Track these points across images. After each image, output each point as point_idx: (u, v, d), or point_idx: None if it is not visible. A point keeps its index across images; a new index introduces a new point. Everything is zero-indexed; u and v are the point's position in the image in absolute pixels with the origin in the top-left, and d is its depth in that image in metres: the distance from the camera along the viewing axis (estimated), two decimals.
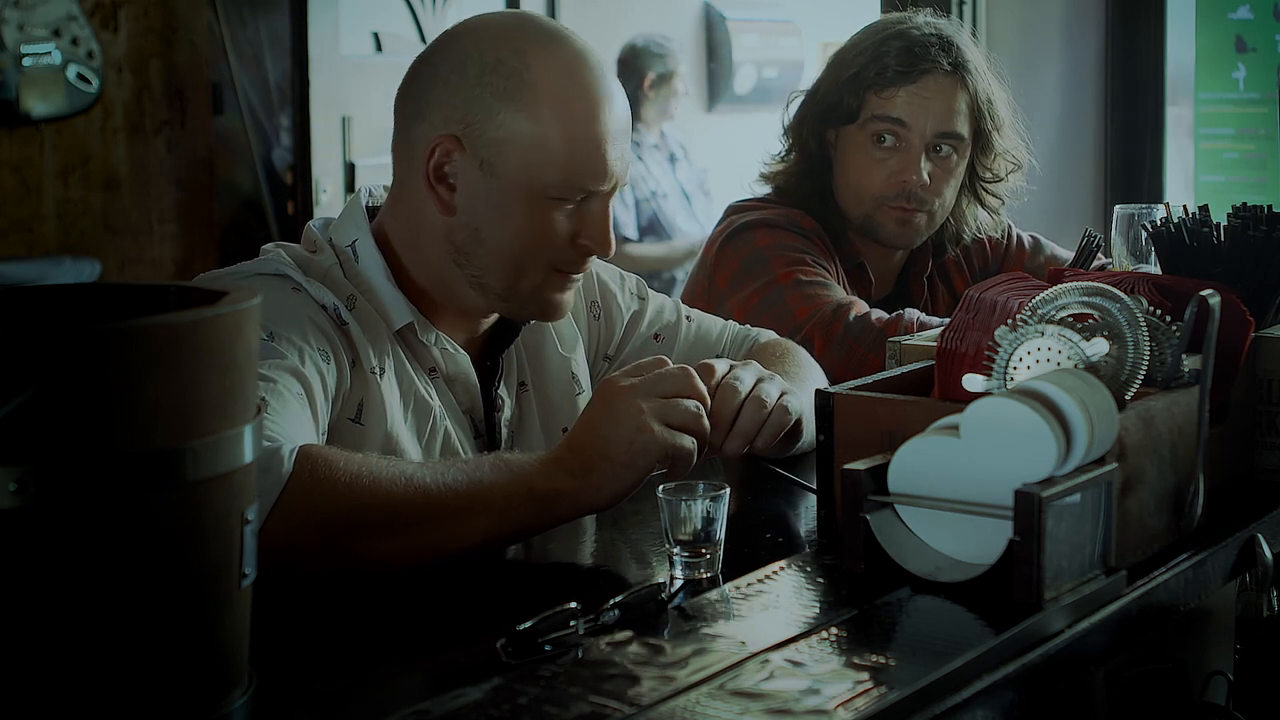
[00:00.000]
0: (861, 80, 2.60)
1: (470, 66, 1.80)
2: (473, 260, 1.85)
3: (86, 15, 4.72)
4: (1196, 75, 4.03)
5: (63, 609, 1.09)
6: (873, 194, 2.62)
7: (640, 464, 1.60)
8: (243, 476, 1.17)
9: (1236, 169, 4.05)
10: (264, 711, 1.22)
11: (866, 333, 2.44)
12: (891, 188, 2.60)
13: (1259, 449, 1.90)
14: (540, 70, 1.79)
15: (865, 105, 2.61)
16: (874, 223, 2.64)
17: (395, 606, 1.52)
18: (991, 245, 2.84)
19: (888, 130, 2.59)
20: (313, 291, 1.79)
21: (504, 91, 1.79)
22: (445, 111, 1.81)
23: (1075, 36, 4.05)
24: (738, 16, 7.13)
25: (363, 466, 1.54)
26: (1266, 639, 1.83)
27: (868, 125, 2.61)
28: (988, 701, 1.31)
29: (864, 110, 2.61)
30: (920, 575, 1.48)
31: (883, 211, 2.62)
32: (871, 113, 2.60)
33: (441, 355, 1.89)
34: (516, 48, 1.80)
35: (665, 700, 1.23)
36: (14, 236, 4.75)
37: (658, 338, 2.15)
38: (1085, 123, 4.05)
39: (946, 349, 1.72)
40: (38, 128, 4.74)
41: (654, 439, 1.60)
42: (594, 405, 1.65)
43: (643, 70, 5.85)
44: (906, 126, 2.58)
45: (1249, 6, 3.96)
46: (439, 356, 1.89)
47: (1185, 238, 1.95)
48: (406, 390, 1.84)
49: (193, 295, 1.22)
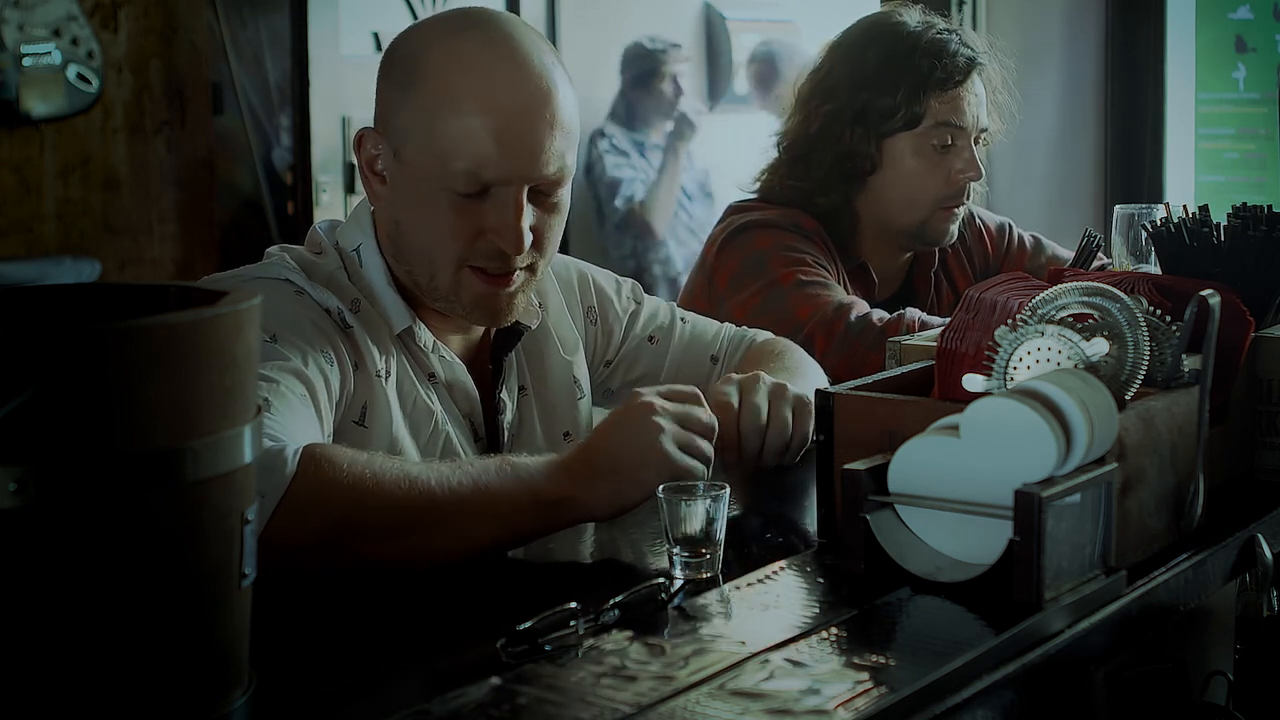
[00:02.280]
0: (922, 86, 2.60)
1: (388, 60, 1.86)
2: (400, 254, 1.87)
3: (86, 15, 4.72)
4: (1196, 75, 4.04)
5: (63, 609, 1.09)
6: (931, 197, 2.63)
7: (646, 481, 1.61)
8: (243, 476, 1.17)
9: (1236, 169, 4.05)
10: (264, 711, 1.22)
11: (868, 332, 2.44)
12: (951, 187, 2.63)
13: (1259, 449, 1.90)
14: (437, 60, 1.80)
15: (928, 112, 2.61)
16: (928, 226, 2.65)
17: (396, 607, 1.52)
18: (992, 242, 2.84)
19: (951, 133, 2.61)
20: (316, 295, 1.79)
21: (404, 82, 1.82)
22: (376, 107, 1.87)
23: (1075, 36, 4.05)
24: (738, 16, 7.12)
25: (366, 468, 1.54)
26: (1266, 639, 1.84)
27: (931, 132, 2.61)
28: (988, 701, 1.31)
29: (927, 117, 2.61)
30: (920, 575, 1.48)
31: (939, 213, 2.64)
32: (936, 120, 2.61)
33: (439, 362, 1.89)
34: (426, 40, 1.83)
35: (665, 700, 1.23)
36: (14, 236, 4.75)
37: (653, 340, 2.15)
38: (1085, 123, 4.05)
39: (946, 349, 1.72)
40: (38, 128, 4.74)
41: (665, 460, 1.61)
42: (614, 416, 1.66)
43: (643, 70, 5.85)
44: (963, 128, 2.61)
45: (1249, 6, 3.97)
46: (437, 363, 1.89)
47: (1185, 238, 1.95)
48: (407, 395, 1.84)
49: (193, 295, 1.22)
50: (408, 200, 1.83)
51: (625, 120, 5.84)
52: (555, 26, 5.85)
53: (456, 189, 1.79)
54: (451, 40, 1.81)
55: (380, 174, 1.86)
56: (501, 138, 1.77)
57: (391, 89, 1.83)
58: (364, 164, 1.87)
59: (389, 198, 1.85)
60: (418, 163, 1.80)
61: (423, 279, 1.86)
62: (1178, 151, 4.05)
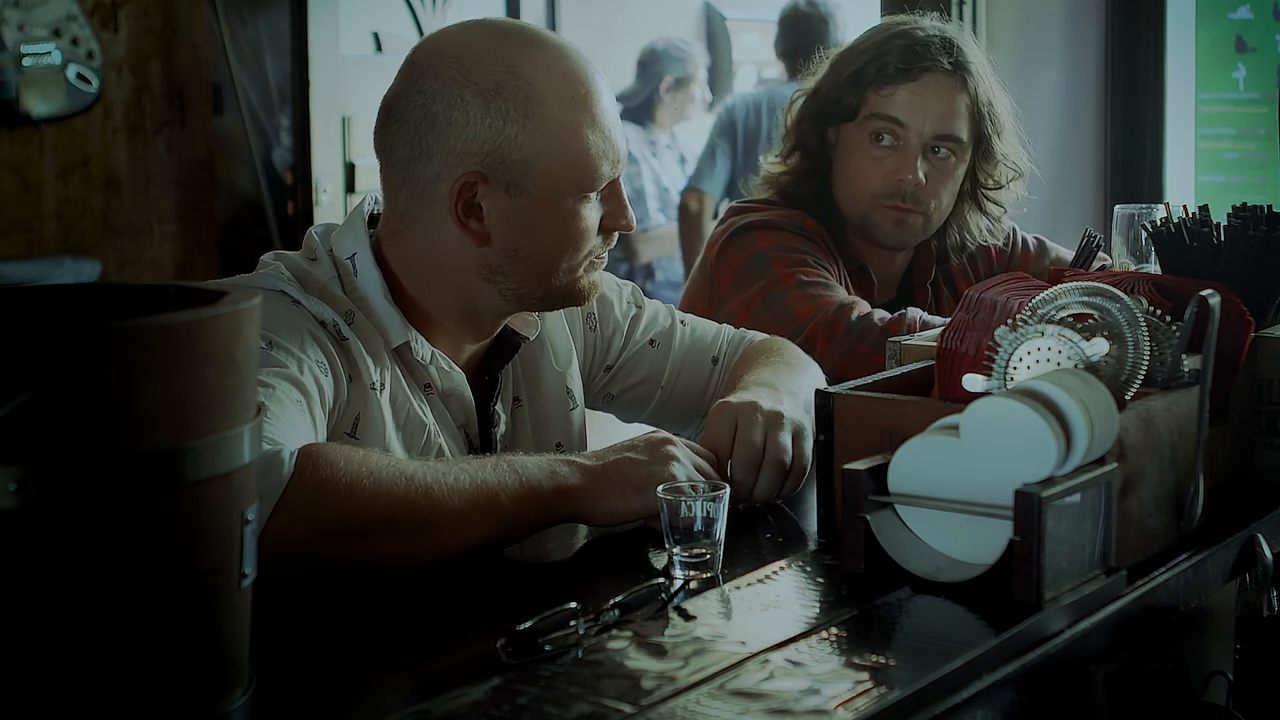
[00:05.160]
0: (862, 78, 2.60)
1: (470, 99, 1.78)
2: (510, 277, 1.85)
3: (86, 15, 4.72)
4: (1196, 75, 4.03)
5: (63, 609, 1.09)
6: (868, 192, 2.62)
7: (649, 498, 1.64)
8: (242, 477, 1.17)
9: (1236, 169, 4.04)
10: (264, 711, 1.22)
11: (869, 332, 2.44)
12: (887, 186, 2.60)
13: (1259, 449, 1.90)
14: (540, 82, 1.79)
15: (865, 103, 2.61)
16: (870, 222, 2.64)
17: (395, 606, 1.52)
18: (996, 253, 2.84)
19: (886, 129, 2.59)
20: (311, 307, 1.79)
21: (515, 114, 1.78)
22: (458, 149, 1.79)
23: (1075, 36, 4.05)
24: (738, 16, 7.13)
25: (363, 466, 1.54)
26: (1266, 639, 1.84)
27: (866, 124, 2.61)
28: (988, 701, 1.31)
29: (863, 108, 2.61)
30: (920, 575, 1.48)
31: (878, 210, 2.62)
32: (870, 111, 2.60)
33: (437, 373, 1.89)
34: (508, 65, 1.79)
35: (665, 700, 1.23)
36: (14, 236, 4.75)
37: (653, 344, 2.15)
38: (1085, 123, 4.05)
39: (946, 349, 1.72)
40: (38, 128, 4.74)
41: None
42: (635, 440, 1.72)
43: (661, 73, 5.86)
44: (904, 126, 2.58)
45: (1249, 6, 3.96)
46: (434, 374, 1.89)
47: (1185, 238, 1.95)
48: (400, 408, 1.84)
49: (192, 295, 1.22)
50: (531, 224, 1.82)
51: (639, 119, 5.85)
52: (556, 26, 5.86)
53: (593, 191, 1.83)
54: (531, 58, 1.80)
55: (480, 216, 1.82)
56: (613, 127, 1.85)
57: (497, 125, 1.78)
58: (458, 211, 1.81)
59: (501, 232, 1.82)
60: (547, 184, 1.80)
61: (539, 289, 1.87)
62: (1178, 151, 4.05)
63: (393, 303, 1.85)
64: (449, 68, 1.80)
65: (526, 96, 1.78)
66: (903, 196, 2.60)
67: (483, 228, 1.82)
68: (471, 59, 1.80)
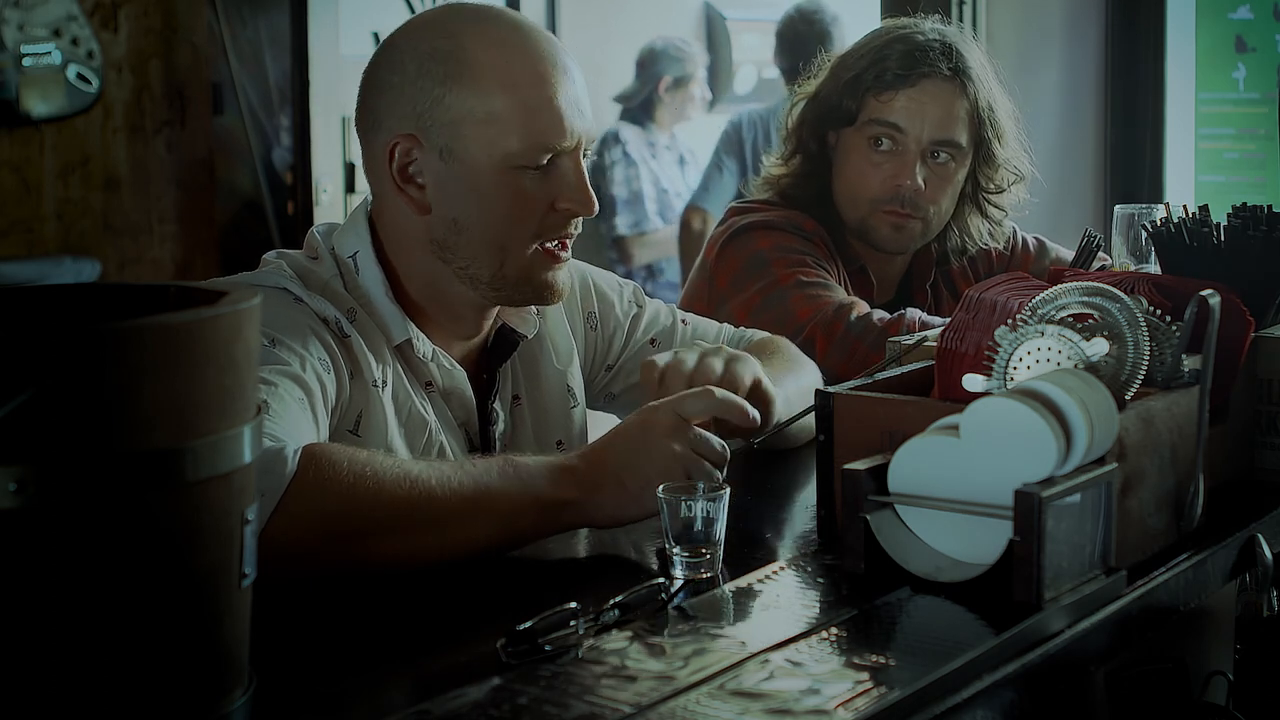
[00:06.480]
0: (861, 83, 2.60)
1: (408, 63, 1.82)
2: (458, 252, 1.85)
3: (86, 15, 4.72)
4: (1196, 75, 4.03)
5: (63, 609, 1.09)
6: (868, 197, 2.62)
7: (650, 504, 1.61)
8: (242, 476, 1.17)
9: (1236, 169, 4.05)
10: (264, 711, 1.22)
11: (868, 332, 2.44)
12: (886, 191, 2.60)
13: (1259, 449, 1.90)
14: (475, 47, 1.81)
15: (864, 109, 2.61)
16: (868, 226, 2.64)
17: (395, 607, 1.52)
18: (997, 255, 2.84)
19: (884, 134, 2.59)
20: (314, 305, 1.79)
21: (445, 75, 1.81)
22: (396, 113, 1.83)
23: (1075, 36, 4.05)
24: (738, 16, 7.13)
25: (366, 467, 1.54)
26: (1266, 639, 1.84)
27: (865, 128, 2.61)
28: (988, 701, 1.31)
29: (862, 113, 2.61)
30: (920, 575, 1.48)
31: (877, 215, 2.63)
32: (869, 116, 2.60)
33: (438, 370, 1.89)
34: (448, 33, 1.83)
35: (665, 700, 1.23)
36: (14, 236, 4.75)
37: (654, 342, 2.15)
38: (1085, 123, 4.05)
39: (946, 349, 1.72)
40: (38, 128, 4.75)
41: None
42: (631, 430, 1.65)
43: (660, 73, 5.86)
44: (903, 131, 2.58)
45: (1249, 6, 3.96)
46: (435, 371, 1.89)
47: (1185, 238, 1.95)
48: (402, 405, 1.84)
49: (193, 295, 1.22)
50: (468, 192, 1.82)
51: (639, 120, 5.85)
52: (556, 26, 5.86)
53: (528, 164, 1.81)
54: (474, 28, 1.83)
55: (419, 181, 1.84)
56: (564, 104, 1.82)
57: (427, 87, 1.80)
58: (396, 176, 1.83)
59: (439, 200, 1.83)
60: (478, 151, 1.81)
61: (486, 271, 1.85)
62: (1178, 151, 4.05)
63: (394, 300, 1.86)
64: (401, 38, 1.86)
65: (457, 60, 1.81)
66: (901, 202, 2.60)
67: (422, 195, 1.84)
68: (420, 29, 1.86)
